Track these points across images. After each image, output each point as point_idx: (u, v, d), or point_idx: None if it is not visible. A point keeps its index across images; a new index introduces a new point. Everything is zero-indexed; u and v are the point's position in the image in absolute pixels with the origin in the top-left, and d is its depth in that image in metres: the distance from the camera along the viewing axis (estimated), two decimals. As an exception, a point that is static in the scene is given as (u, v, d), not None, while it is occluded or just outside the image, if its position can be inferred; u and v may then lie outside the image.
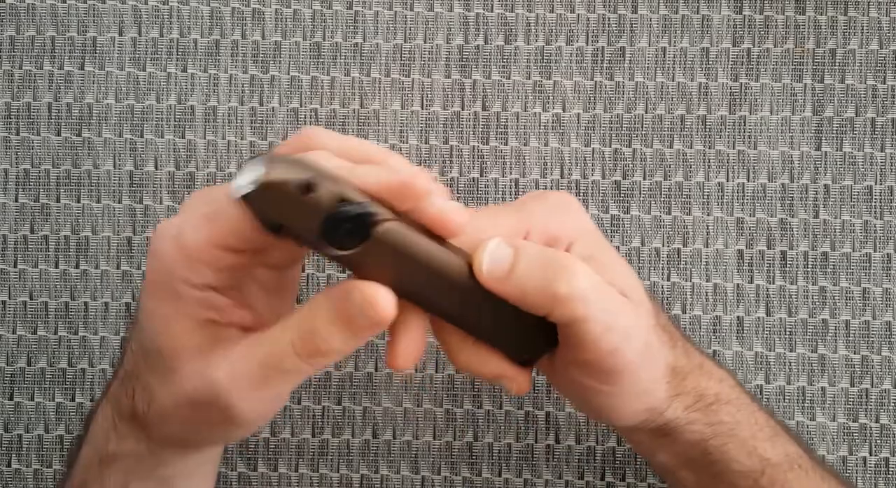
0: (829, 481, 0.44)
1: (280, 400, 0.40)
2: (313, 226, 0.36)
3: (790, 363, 0.51)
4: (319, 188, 0.36)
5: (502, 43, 0.51)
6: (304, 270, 0.51)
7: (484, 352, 0.40)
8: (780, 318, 0.51)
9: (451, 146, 0.51)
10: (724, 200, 0.51)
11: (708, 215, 0.51)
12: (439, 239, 0.38)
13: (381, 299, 0.37)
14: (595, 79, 0.51)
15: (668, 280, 0.51)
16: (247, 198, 0.36)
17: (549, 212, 0.41)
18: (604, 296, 0.38)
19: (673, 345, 0.42)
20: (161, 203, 0.51)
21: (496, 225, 0.40)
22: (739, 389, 0.44)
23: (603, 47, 0.51)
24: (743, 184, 0.51)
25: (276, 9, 0.52)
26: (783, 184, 0.51)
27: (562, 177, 0.51)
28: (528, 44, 0.51)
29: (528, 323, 0.39)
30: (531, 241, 0.39)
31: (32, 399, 0.51)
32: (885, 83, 0.51)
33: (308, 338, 0.37)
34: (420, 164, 0.51)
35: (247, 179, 0.36)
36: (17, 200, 0.51)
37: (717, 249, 0.51)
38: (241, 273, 0.39)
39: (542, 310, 0.38)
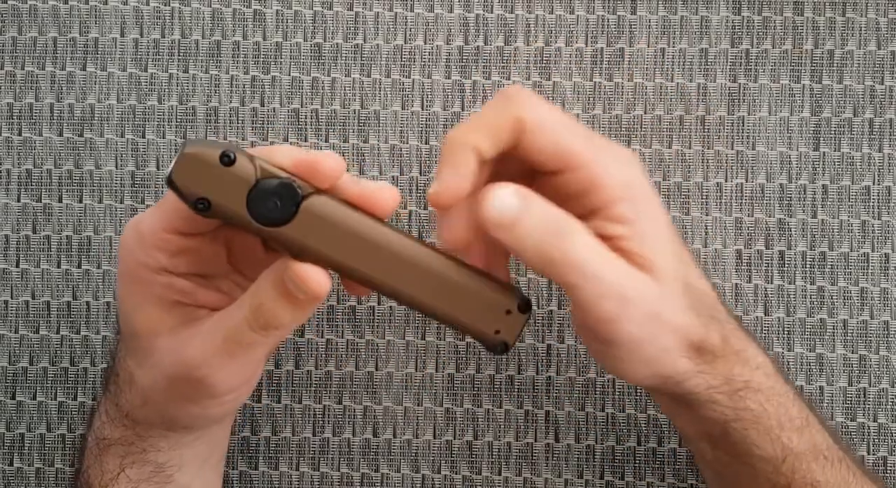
0: (857, 476, 0.44)
1: (249, 372, 0.42)
2: (240, 200, 0.38)
3: (788, 362, 0.51)
4: (239, 159, 0.38)
5: (502, 44, 0.52)
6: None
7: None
8: (779, 318, 0.51)
9: (451, 146, 0.51)
10: (723, 200, 0.51)
11: (706, 215, 0.51)
12: (374, 217, 0.39)
13: (312, 278, 0.38)
14: (594, 79, 0.52)
15: (667, 280, 0.51)
16: (173, 178, 0.38)
17: (611, 162, 0.41)
18: (602, 264, 0.39)
19: (705, 323, 0.42)
20: (163, 203, 0.51)
21: (564, 137, 0.40)
22: (776, 378, 0.43)
23: (602, 48, 0.52)
24: (741, 184, 0.51)
25: (277, 10, 0.52)
26: (781, 185, 0.51)
27: (561, 177, 0.51)
28: (528, 45, 0.52)
29: (490, 297, 0.40)
30: (544, 201, 0.39)
31: (34, 398, 0.51)
32: (882, 84, 0.51)
33: (258, 313, 0.39)
34: (421, 165, 0.51)
35: (174, 161, 0.38)
36: (19, 200, 0.52)
37: (715, 249, 0.51)
38: (202, 259, 0.42)
39: (536, 268, 0.39)
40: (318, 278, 0.38)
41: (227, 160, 0.38)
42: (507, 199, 0.38)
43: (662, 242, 0.41)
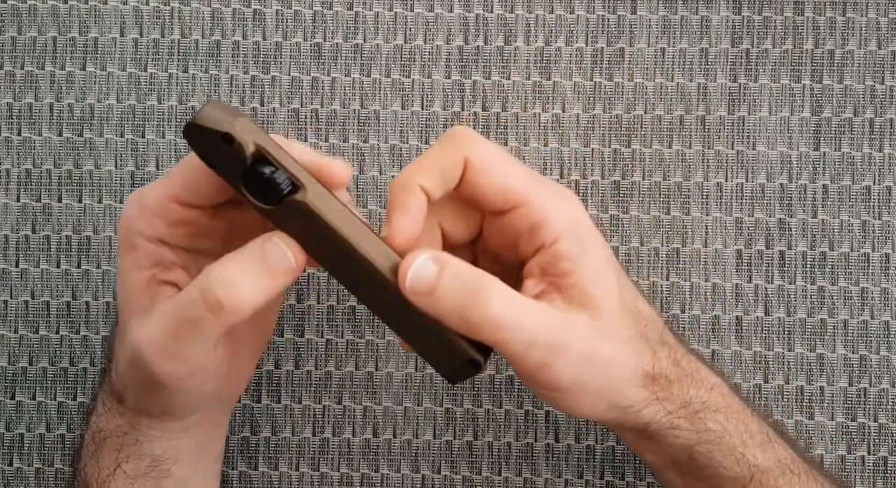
0: (824, 485, 0.44)
1: (198, 361, 0.40)
2: (234, 172, 0.39)
3: (788, 362, 0.51)
4: (237, 142, 0.39)
5: (502, 44, 0.52)
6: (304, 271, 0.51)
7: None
8: (779, 318, 0.51)
9: (451, 146, 0.51)
10: (723, 200, 0.51)
11: (707, 215, 0.51)
12: (366, 227, 0.40)
13: (297, 249, 0.39)
14: (594, 79, 0.52)
15: (667, 280, 0.51)
16: (186, 132, 0.39)
17: (554, 199, 0.42)
18: (523, 317, 0.39)
19: (654, 349, 0.42)
20: (162, 203, 0.51)
21: (509, 177, 0.41)
22: (732, 397, 0.44)
23: (602, 48, 0.52)
24: (741, 184, 0.51)
25: (277, 10, 0.52)
26: (782, 185, 0.51)
27: (561, 177, 0.51)
28: (528, 44, 0.52)
29: (451, 340, 0.40)
30: (459, 263, 0.39)
31: (34, 398, 0.51)
32: (883, 84, 0.51)
33: (215, 286, 0.38)
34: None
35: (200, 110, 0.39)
36: (18, 200, 0.52)
37: (715, 249, 0.51)
38: (195, 233, 0.42)
39: (462, 331, 0.39)
40: (298, 251, 0.39)
41: (227, 140, 0.39)
42: (423, 268, 0.39)
43: (606, 275, 0.42)
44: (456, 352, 0.40)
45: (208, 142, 0.39)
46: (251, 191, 0.39)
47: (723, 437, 0.43)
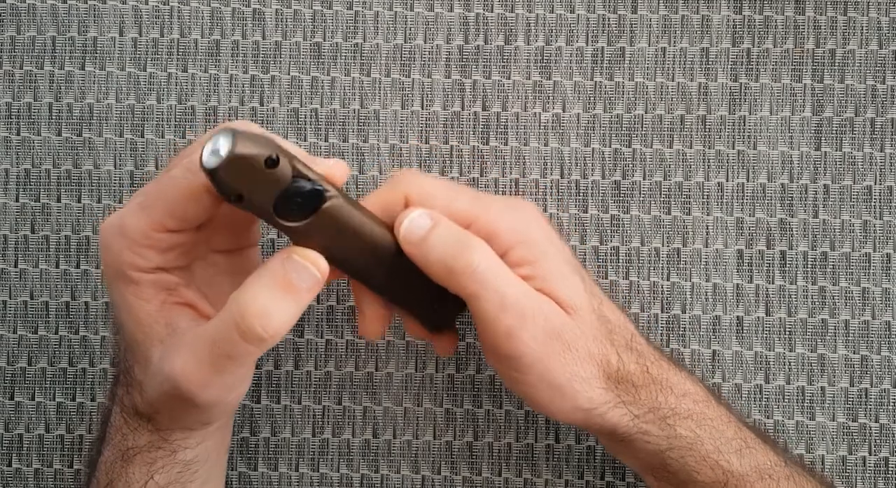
0: None
1: (239, 381, 0.41)
2: (269, 198, 0.39)
3: (790, 363, 0.51)
4: (281, 162, 0.38)
5: (502, 43, 0.52)
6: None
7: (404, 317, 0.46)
8: (780, 318, 0.51)
9: (452, 146, 0.51)
10: (724, 200, 0.51)
11: (707, 215, 0.51)
12: (373, 217, 0.42)
13: (318, 258, 0.40)
14: (595, 79, 0.51)
15: (668, 280, 0.51)
16: (215, 170, 0.38)
17: (501, 211, 0.44)
18: (500, 278, 0.42)
19: (620, 353, 0.43)
20: (161, 203, 0.51)
21: (452, 201, 0.43)
22: (706, 403, 0.44)
23: (603, 47, 0.52)
24: (742, 184, 0.51)
25: (277, 9, 0.52)
26: (783, 184, 0.51)
27: (562, 177, 0.51)
28: (528, 44, 0.51)
29: (439, 293, 0.43)
30: (452, 222, 0.43)
31: (33, 398, 0.51)
32: (884, 83, 0.51)
33: (250, 318, 0.38)
34: (420, 164, 0.51)
35: (217, 151, 0.38)
36: (17, 200, 0.51)
37: (716, 249, 0.51)
38: (186, 251, 0.42)
39: (443, 280, 0.42)
40: (321, 261, 0.40)
41: (271, 162, 0.38)
42: (418, 220, 0.42)
43: (569, 277, 0.43)
44: (441, 300, 0.44)
45: (245, 172, 0.38)
46: (288, 209, 0.39)
47: (695, 444, 0.43)
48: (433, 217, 0.42)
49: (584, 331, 0.43)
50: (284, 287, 0.39)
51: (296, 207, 0.39)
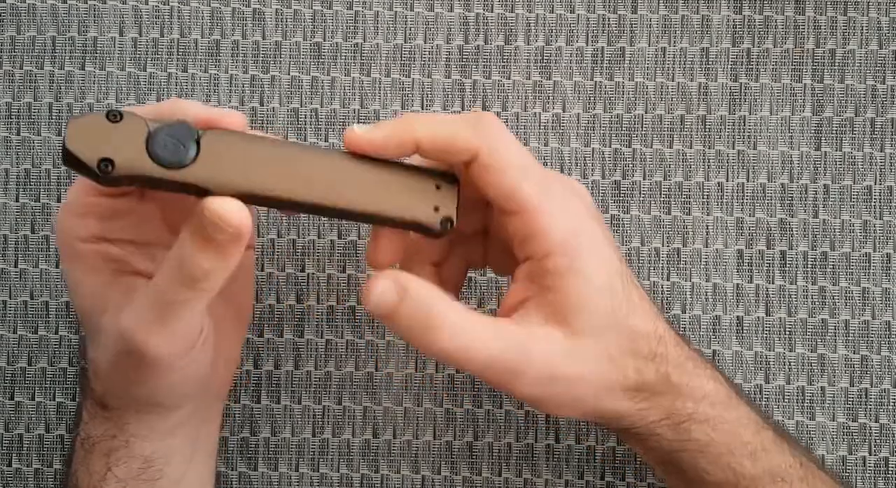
0: None
1: (187, 336, 0.40)
2: (140, 149, 0.37)
3: (790, 363, 0.51)
4: (126, 116, 0.37)
5: (502, 43, 0.52)
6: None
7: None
8: (780, 318, 0.51)
9: (452, 146, 0.51)
10: (724, 200, 0.51)
11: (707, 215, 0.51)
12: (276, 138, 0.39)
13: (229, 210, 0.37)
14: (595, 79, 0.51)
15: (668, 280, 0.51)
16: (67, 146, 0.37)
17: (555, 214, 0.41)
18: (473, 346, 0.40)
19: (640, 366, 0.42)
20: (161, 203, 0.51)
21: (515, 182, 0.41)
22: (725, 406, 0.43)
23: (603, 47, 0.52)
24: (742, 184, 0.51)
25: (277, 9, 0.52)
26: (783, 184, 0.51)
27: (562, 177, 0.51)
28: (528, 44, 0.51)
29: (414, 185, 0.40)
30: (419, 283, 0.40)
31: (33, 398, 0.51)
32: (884, 83, 0.51)
33: (181, 267, 0.38)
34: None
35: (64, 137, 0.37)
36: (17, 200, 0.51)
37: (716, 249, 0.51)
38: (135, 224, 0.42)
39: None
40: (234, 209, 0.37)
41: (114, 117, 0.37)
42: (385, 295, 0.40)
43: (595, 295, 0.41)
44: (428, 184, 0.41)
45: (95, 135, 0.36)
46: (161, 158, 0.37)
47: (708, 446, 0.43)
48: (401, 286, 0.40)
49: (596, 352, 0.41)
50: (205, 242, 0.37)
51: (176, 150, 0.37)
